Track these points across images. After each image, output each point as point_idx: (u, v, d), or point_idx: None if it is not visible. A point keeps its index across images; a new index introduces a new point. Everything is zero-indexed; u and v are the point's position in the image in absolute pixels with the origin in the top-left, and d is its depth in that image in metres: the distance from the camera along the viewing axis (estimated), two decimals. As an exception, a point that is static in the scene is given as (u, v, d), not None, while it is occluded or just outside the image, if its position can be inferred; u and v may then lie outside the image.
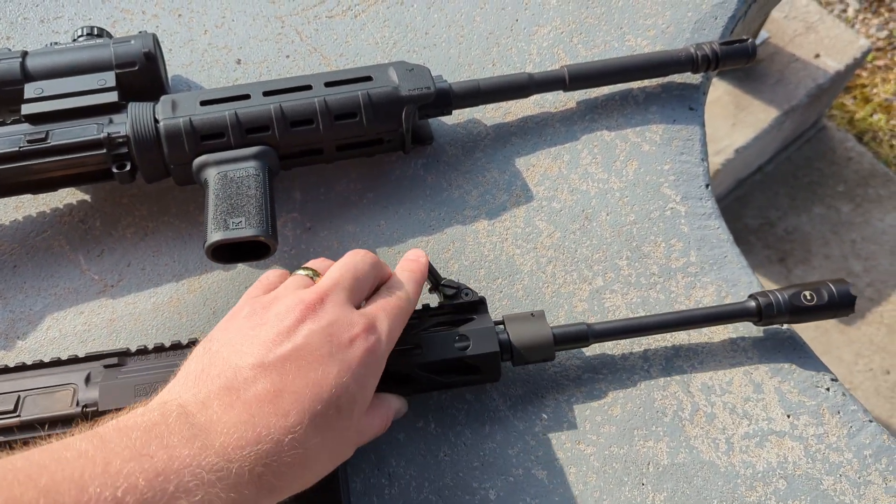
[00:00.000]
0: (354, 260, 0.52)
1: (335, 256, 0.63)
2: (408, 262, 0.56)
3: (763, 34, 1.78)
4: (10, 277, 0.65)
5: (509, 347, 0.56)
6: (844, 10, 2.31)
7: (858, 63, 1.83)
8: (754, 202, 1.92)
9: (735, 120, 1.71)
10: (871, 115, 2.08)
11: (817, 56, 1.78)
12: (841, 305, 0.57)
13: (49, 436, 0.53)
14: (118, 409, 0.53)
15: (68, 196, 0.68)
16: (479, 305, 0.57)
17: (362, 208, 0.67)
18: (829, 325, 1.81)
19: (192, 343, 0.56)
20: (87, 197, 0.68)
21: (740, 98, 1.74)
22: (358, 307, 0.50)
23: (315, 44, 0.74)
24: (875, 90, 2.12)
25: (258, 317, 0.47)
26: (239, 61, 0.74)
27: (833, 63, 1.77)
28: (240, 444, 0.40)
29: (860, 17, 2.30)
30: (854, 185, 1.96)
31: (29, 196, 0.67)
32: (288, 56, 0.74)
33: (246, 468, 0.39)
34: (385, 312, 0.50)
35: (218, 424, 0.40)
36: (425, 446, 0.58)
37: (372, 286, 0.52)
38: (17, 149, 0.60)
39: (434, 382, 0.55)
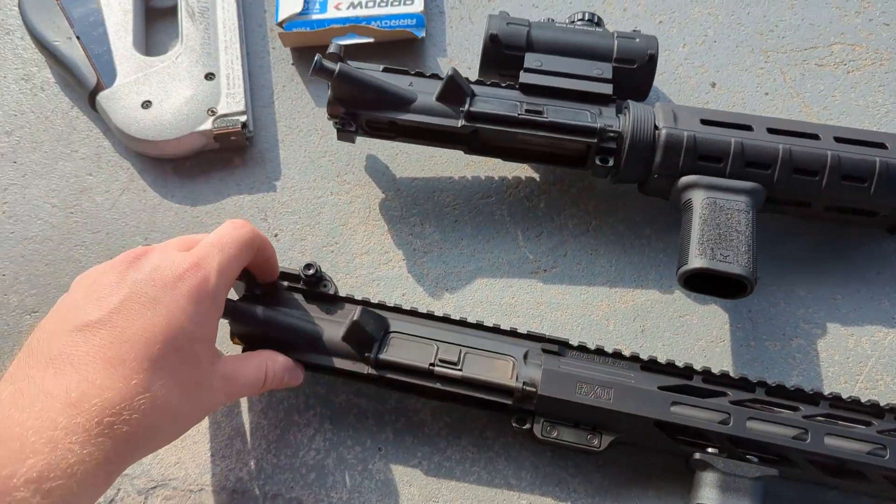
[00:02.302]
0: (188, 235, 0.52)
1: (781, 314, 0.60)
2: None
3: None
4: (450, 230, 0.66)
5: None
6: None
7: None
8: None
9: None
10: None
11: None
12: None
13: (483, 400, 0.54)
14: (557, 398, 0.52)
15: (518, 169, 0.68)
16: None
17: (819, 275, 0.62)
18: None
19: (636, 358, 0.55)
20: (535, 175, 0.68)
21: None
22: None
23: (798, 89, 0.70)
24: None
25: (85, 283, 0.47)
26: (713, 84, 0.71)
27: None
28: (81, 399, 0.40)
29: None
30: None
31: (482, 157, 0.68)
32: (766, 94, 0.70)
33: (94, 420, 0.40)
34: (214, 247, 0.49)
35: (55, 388, 0.40)
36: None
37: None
38: (515, 114, 0.61)
39: None
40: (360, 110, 0.62)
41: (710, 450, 0.52)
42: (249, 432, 0.58)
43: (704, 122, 0.60)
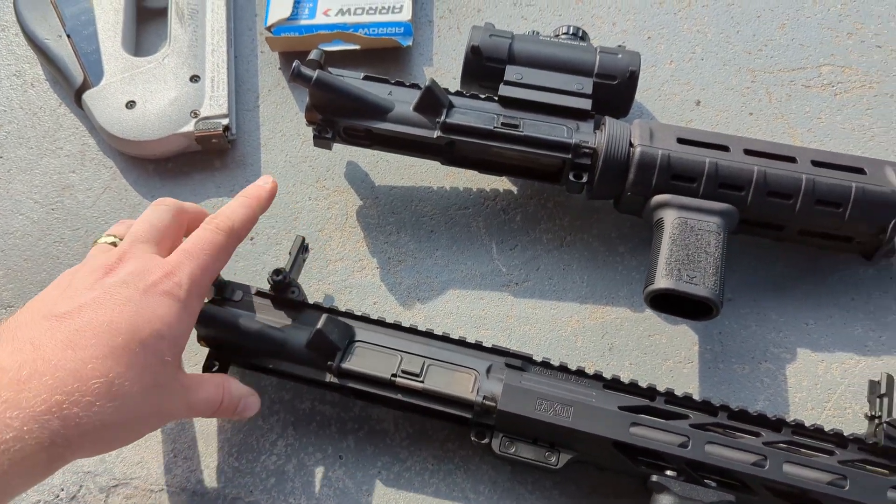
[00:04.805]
0: (152, 211, 0.53)
1: (751, 336, 0.59)
2: (251, 187, 0.57)
3: None
4: (425, 240, 0.66)
5: None
6: None
7: None
8: None
9: None
10: None
11: None
12: None
13: (443, 413, 0.54)
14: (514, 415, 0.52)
15: (496, 182, 0.68)
16: None
17: (792, 299, 0.62)
18: None
19: (599, 377, 0.54)
20: (513, 188, 0.68)
21: None
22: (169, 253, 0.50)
23: (783, 110, 0.69)
24: None
25: (60, 287, 0.47)
26: (698, 102, 0.70)
27: None
28: (32, 376, 0.40)
29: None
30: None
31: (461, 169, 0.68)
32: (751, 114, 0.69)
33: (41, 396, 0.39)
34: (188, 255, 0.49)
35: (9, 363, 0.40)
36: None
37: (178, 231, 0.53)
38: (490, 128, 0.61)
39: None
40: (337, 117, 0.62)
41: (668, 472, 0.51)
42: (212, 435, 0.58)
43: (681, 140, 0.60)
